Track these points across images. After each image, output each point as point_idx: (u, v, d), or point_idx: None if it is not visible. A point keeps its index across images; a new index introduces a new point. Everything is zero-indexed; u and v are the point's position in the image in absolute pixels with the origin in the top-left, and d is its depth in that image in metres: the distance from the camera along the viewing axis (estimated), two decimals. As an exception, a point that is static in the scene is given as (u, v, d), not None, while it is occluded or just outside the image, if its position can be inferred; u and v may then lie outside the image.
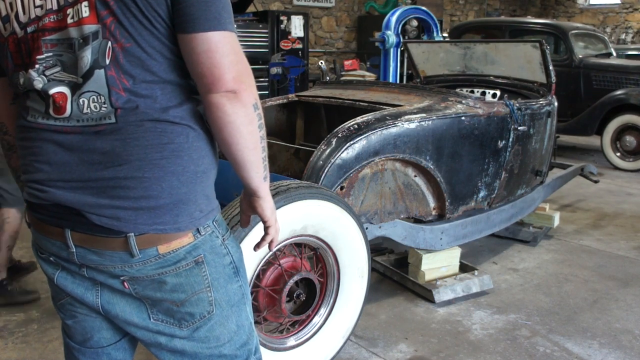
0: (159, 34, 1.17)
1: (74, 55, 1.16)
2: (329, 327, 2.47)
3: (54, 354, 2.63)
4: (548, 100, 3.82)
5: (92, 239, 1.22)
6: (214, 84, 1.16)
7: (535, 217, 4.28)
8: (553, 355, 2.68)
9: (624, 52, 9.00)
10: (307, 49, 8.78)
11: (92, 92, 1.17)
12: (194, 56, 1.16)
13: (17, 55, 1.23)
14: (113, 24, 1.14)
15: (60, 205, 1.22)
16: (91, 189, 1.19)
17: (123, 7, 1.12)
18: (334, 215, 2.32)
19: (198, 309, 1.29)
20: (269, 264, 2.28)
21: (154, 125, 1.19)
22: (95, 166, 1.19)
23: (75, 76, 1.17)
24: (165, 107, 1.19)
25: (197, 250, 1.26)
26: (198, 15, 1.14)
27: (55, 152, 1.22)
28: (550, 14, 13.15)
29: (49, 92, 1.19)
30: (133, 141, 1.18)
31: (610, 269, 3.72)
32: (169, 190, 1.20)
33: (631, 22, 12.10)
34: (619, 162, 6.82)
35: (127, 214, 1.19)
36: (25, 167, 1.29)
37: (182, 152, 1.22)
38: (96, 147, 1.19)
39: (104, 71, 1.15)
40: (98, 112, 1.18)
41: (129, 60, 1.15)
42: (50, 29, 1.18)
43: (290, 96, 3.89)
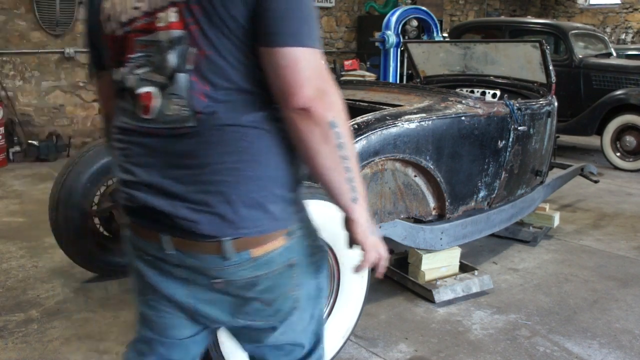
0: (240, 44, 1.18)
1: (160, 57, 1.20)
2: (328, 327, 2.47)
3: (54, 354, 2.63)
4: (548, 100, 3.82)
5: (186, 243, 1.24)
6: (288, 100, 1.17)
7: (535, 217, 4.28)
8: (553, 355, 2.68)
9: (624, 52, 8.99)
10: (307, 49, 8.77)
11: (175, 95, 1.21)
12: (271, 70, 1.17)
13: (114, 53, 1.29)
14: (197, 32, 1.17)
15: (151, 208, 1.25)
16: (175, 193, 1.22)
17: (207, 17, 1.16)
18: (334, 215, 2.31)
19: (284, 306, 1.33)
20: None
21: (233, 130, 1.20)
22: (178, 170, 1.22)
23: (162, 77, 1.21)
24: (243, 113, 1.21)
25: (289, 252, 1.29)
26: (278, 31, 1.15)
27: (141, 155, 1.27)
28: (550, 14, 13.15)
29: (137, 91, 1.24)
30: (212, 145, 1.20)
31: (610, 269, 3.72)
32: (246, 194, 1.21)
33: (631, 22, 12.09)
34: (619, 162, 6.82)
35: (211, 218, 1.21)
36: (117, 168, 1.34)
37: (260, 157, 1.23)
38: (177, 150, 1.22)
39: (187, 76, 1.19)
40: (179, 115, 1.21)
41: (210, 68, 1.18)
42: (142, 30, 1.23)
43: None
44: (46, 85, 7.29)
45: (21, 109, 7.14)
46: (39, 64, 7.20)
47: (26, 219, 4.59)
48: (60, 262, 3.62)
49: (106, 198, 3.29)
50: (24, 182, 5.88)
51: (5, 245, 3.98)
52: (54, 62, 7.29)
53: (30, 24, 7.04)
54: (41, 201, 4.93)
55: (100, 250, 3.30)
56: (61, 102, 7.44)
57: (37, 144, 6.90)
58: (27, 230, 4.30)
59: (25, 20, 7.01)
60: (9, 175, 6.20)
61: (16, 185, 5.74)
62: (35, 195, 5.32)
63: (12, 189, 5.61)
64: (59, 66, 7.33)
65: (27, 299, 3.15)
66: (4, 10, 6.86)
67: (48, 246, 3.90)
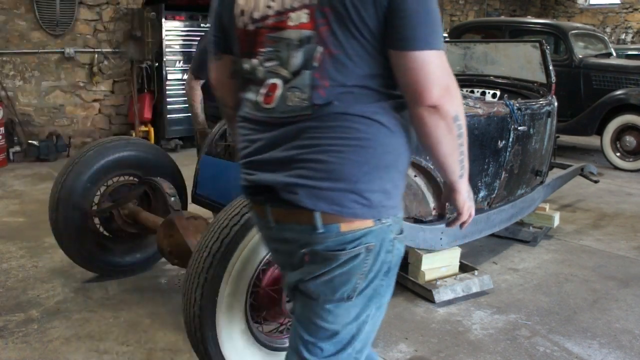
0: (366, 44, 1.28)
1: (288, 53, 1.32)
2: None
3: (54, 354, 2.63)
4: (548, 100, 3.82)
5: (284, 213, 1.37)
6: (418, 99, 1.28)
7: (535, 217, 4.28)
8: (553, 355, 2.68)
9: (624, 52, 8.99)
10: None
11: (298, 89, 1.32)
12: (402, 71, 1.27)
13: (244, 45, 1.42)
14: (326, 32, 1.27)
15: (262, 185, 1.38)
16: (283, 168, 1.34)
17: (338, 20, 1.25)
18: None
19: (344, 290, 1.37)
20: (269, 264, 2.28)
21: (344, 117, 1.30)
22: (290, 151, 1.34)
23: (287, 72, 1.33)
24: (356, 104, 1.30)
25: (371, 237, 1.34)
26: (409, 35, 1.24)
27: (260, 140, 1.40)
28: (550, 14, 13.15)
29: (265, 82, 1.37)
30: (323, 129, 1.31)
31: (610, 269, 3.72)
32: (348, 177, 1.30)
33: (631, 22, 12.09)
34: (619, 162, 6.82)
35: (310, 192, 1.31)
36: (240, 151, 1.48)
37: (368, 144, 1.31)
38: (291, 133, 1.34)
39: (311, 72, 1.30)
40: (298, 106, 1.32)
41: (334, 66, 1.28)
42: (272, 28, 1.34)
43: (290, 96, 3.88)
44: (46, 85, 7.29)
45: (21, 109, 7.14)
46: (39, 64, 7.20)
47: (26, 219, 4.59)
48: (60, 262, 3.62)
49: (106, 198, 3.29)
50: (24, 182, 5.88)
51: (5, 245, 3.98)
52: (54, 62, 7.29)
53: (30, 24, 7.04)
54: (41, 201, 4.93)
55: (100, 250, 3.30)
56: (61, 102, 7.44)
57: (37, 144, 6.90)
58: (27, 230, 4.30)
59: (25, 20, 7.01)
60: (9, 175, 6.20)
61: (16, 185, 5.74)
62: (35, 195, 5.32)
63: (12, 189, 5.61)
64: (59, 66, 7.33)
65: (27, 299, 3.15)
66: (4, 10, 6.86)
67: (48, 246, 3.90)
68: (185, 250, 2.64)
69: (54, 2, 7.04)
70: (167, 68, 7.36)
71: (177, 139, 7.61)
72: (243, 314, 2.15)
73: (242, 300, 2.13)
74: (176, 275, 3.48)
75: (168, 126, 7.50)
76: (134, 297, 3.19)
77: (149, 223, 3.13)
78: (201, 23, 7.47)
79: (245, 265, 2.09)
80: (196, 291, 2.03)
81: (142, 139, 3.59)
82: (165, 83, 7.38)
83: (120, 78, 7.80)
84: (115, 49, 7.66)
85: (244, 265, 2.09)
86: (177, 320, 2.87)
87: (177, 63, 7.43)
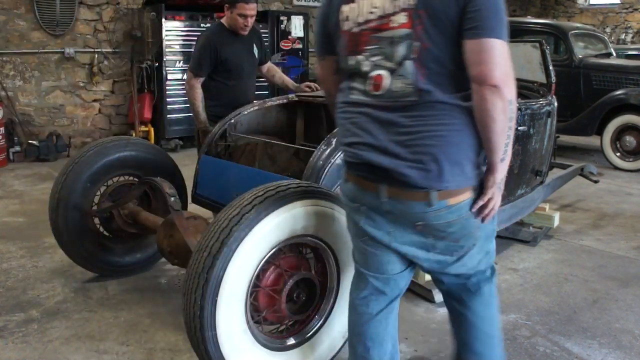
0: (450, 38, 1.62)
1: (391, 48, 1.67)
2: (329, 327, 2.47)
3: (54, 354, 2.63)
4: (548, 100, 3.82)
5: (400, 192, 1.70)
6: (484, 79, 1.58)
7: (535, 217, 4.28)
8: (553, 355, 2.68)
9: (624, 52, 8.98)
10: (307, 49, 8.77)
11: (402, 76, 1.67)
12: (473, 56, 1.59)
13: (350, 44, 1.77)
14: (421, 31, 1.63)
15: (374, 164, 1.71)
16: (395, 153, 1.67)
17: (431, 20, 1.61)
18: (334, 215, 2.32)
19: (467, 243, 1.81)
20: (269, 264, 2.28)
21: (441, 106, 1.65)
22: (398, 136, 1.67)
23: (392, 63, 1.68)
24: (449, 93, 1.64)
25: (468, 203, 1.73)
26: (481, 26, 1.57)
27: (368, 122, 1.73)
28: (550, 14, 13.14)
29: (371, 74, 1.72)
30: (426, 117, 1.65)
31: (610, 269, 3.72)
32: (450, 157, 1.65)
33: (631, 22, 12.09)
34: (619, 162, 6.81)
35: (423, 174, 1.65)
36: (344, 132, 1.82)
37: (462, 128, 1.66)
38: (399, 120, 1.68)
39: (412, 62, 1.65)
40: (404, 91, 1.67)
41: (428, 56, 1.63)
42: (375, 29, 1.70)
43: (290, 96, 3.89)
44: (46, 85, 7.30)
45: (21, 109, 7.14)
46: (39, 64, 7.20)
47: (26, 219, 4.59)
48: (60, 262, 3.62)
49: (106, 198, 3.29)
50: (24, 182, 5.88)
51: (5, 245, 3.98)
52: (54, 62, 7.29)
53: (30, 24, 7.04)
54: (41, 201, 4.93)
55: (100, 250, 3.30)
56: (61, 102, 7.44)
57: (37, 144, 6.90)
58: (27, 230, 4.30)
59: (25, 20, 7.01)
60: (9, 175, 6.20)
61: (16, 185, 5.74)
62: (35, 195, 5.32)
63: (12, 189, 5.61)
64: (59, 66, 7.33)
65: (27, 299, 3.15)
66: (4, 10, 6.87)
67: (48, 246, 3.90)
68: (185, 250, 2.64)
69: (54, 2, 7.04)
70: (167, 68, 7.36)
71: (177, 139, 7.61)
72: (243, 314, 2.15)
73: (242, 300, 2.13)
74: (176, 275, 3.48)
75: (168, 126, 7.50)
76: (134, 297, 3.19)
77: (149, 223, 3.13)
78: (201, 23, 7.46)
79: (245, 265, 2.09)
80: (196, 291, 2.03)
81: (142, 139, 3.58)
82: (165, 83, 7.38)
83: (120, 78, 7.80)
84: (115, 49, 7.67)
85: (244, 265, 2.09)
86: (177, 320, 2.87)
87: (177, 63, 7.43)
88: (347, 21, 1.77)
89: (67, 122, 7.52)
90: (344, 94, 1.84)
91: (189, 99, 3.83)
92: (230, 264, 2.04)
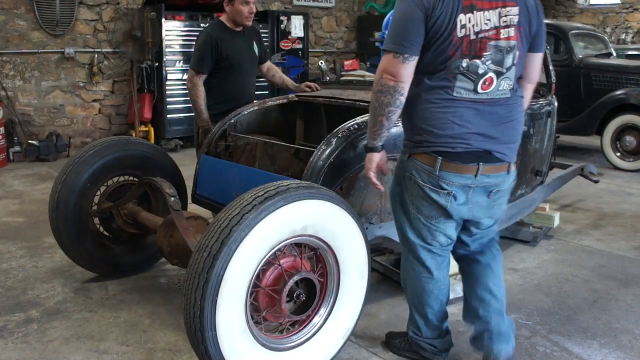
0: (527, 49, 2.23)
1: (502, 55, 2.12)
2: (329, 327, 2.47)
3: (54, 354, 2.62)
4: (548, 100, 3.82)
5: (492, 167, 2.19)
6: (534, 79, 2.38)
7: (535, 217, 4.28)
8: (553, 355, 2.68)
9: (624, 52, 8.98)
10: (307, 49, 8.78)
11: (508, 78, 2.16)
12: (532, 64, 2.31)
13: (466, 49, 2.09)
14: (519, 43, 2.15)
15: (478, 149, 2.15)
16: (492, 138, 2.16)
17: (524, 35, 2.17)
18: (334, 215, 2.31)
19: (505, 202, 2.37)
20: (269, 264, 2.28)
21: (519, 100, 2.27)
22: (494, 124, 2.16)
23: (501, 68, 2.13)
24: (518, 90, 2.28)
25: None
26: (540, 43, 2.28)
27: (473, 115, 2.13)
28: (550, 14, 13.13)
29: (485, 76, 2.12)
30: (514, 108, 2.22)
31: (610, 269, 3.72)
32: (519, 138, 2.27)
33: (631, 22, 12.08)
34: (619, 162, 6.81)
35: (508, 151, 2.21)
36: (445, 125, 2.14)
37: (523, 116, 2.30)
38: (496, 111, 2.17)
39: (514, 67, 2.17)
40: (505, 91, 2.17)
41: (520, 63, 2.20)
42: (489, 38, 2.10)
43: (290, 96, 3.89)
44: (46, 85, 7.30)
45: (21, 109, 7.14)
46: (39, 64, 7.20)
47: (26, 219, 4.59)
48: (60, 262, 3.62)
49: (106, 198, 3.29)
50: (24, 182, 5.88)
51: (5, 245, 3.98)
52: (54, 62, 7.30)
53: (30, 24, 7.04)
54: (41, 201, 4.93)
55: (100, 250, 3.30)
56: (61, 102, 7.44)
57: (37, 144, 6.90)
58: (27, 230, 4.30)
59: (25, 20, 7.01)
60: (9, 175, 6.20)
61: (16, 185, 5.74)
62: (35, 195, 5.32)
63: (12, 189, 5.61)
64: (59, 66, 7.33)
65: (27, 299, 3.15)
66: (4, 10, 6.87)
67: (48, 246, 3.90)
68: (185, 250, 2.64)
69: (54, 2, 7.04)
70: (167, 68, 7.36)
71: (177, 139, 7.61)
72: (243, 314, 2.15)
73: (242, 300, 2.13)
74: (176, 275, 3.48)
75: (168, 126, 7.50)
76: (134, 297, 3.19)
77: (149, 223, 3.13)
78: (201, 23, 7.46)
79: (245, 265, 2.09)
80: (196, 291, 2.03)
81: (142, 139, 3.58)
82: (165, 83, 7.38)
83: (120, 78, 7.80)
84: (115, 49, 7.67)
85: (244, 265, 2.09)
86: (177, 320, 2.88)
87: (177, 63, 7.43)
88: (463, 29, 2.07)
89: (67, 122, 7.52)
90: (438, 92, 2.13)
91: (191, 97, 3.80)
92: (230, 264, 2.04)
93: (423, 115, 2.16)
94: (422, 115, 2.17)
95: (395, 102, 2.13)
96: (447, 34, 2.06)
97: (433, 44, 2.08)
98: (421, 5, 2.04)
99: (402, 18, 2.09)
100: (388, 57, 2.11)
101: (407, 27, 2.07)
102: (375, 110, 2.18)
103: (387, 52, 2.12)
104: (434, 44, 2.08)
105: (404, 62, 2.09)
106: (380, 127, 2.20)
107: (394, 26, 2.12)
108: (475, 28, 2.06)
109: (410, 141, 2.26)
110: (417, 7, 2.05)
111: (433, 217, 2.26)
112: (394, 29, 2.11)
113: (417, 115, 2.19)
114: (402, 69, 2.09)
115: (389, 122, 2.18)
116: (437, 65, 2.11)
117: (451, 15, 2.04)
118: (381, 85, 2.13)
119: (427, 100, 2.14)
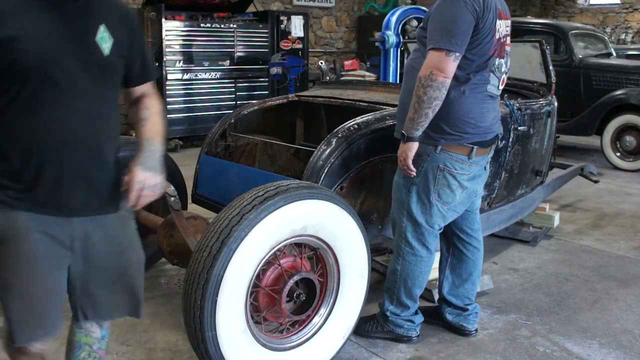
0: None
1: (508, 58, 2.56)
2: (329, 327, 2.47)
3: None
4: (548, 100, 3.82)
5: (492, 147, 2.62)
6: None
7: (535, 217, 4.28)
8: (553, 355, 2.68)
9: (624, 52, 8.98)
10: (307, 49, 8.77)
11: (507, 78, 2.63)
12: None
13: (498, 50, 2.44)
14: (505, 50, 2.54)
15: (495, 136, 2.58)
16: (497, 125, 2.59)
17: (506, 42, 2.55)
18: (334, 215, 2.32)
19: None
20: (269, 264, 2.28)
21: None
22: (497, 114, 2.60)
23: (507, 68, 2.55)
24: None
25: None
26: None
27: (493, 108, 2.55)
28: (550, 14, 13.14)
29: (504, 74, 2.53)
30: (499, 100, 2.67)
31: (610, 269, 3.72)
32: None
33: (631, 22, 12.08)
34: (619, 162, 6.81)
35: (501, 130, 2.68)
36: (482, 117, 2.46)
37: None
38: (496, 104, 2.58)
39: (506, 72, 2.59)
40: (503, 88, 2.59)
41: None
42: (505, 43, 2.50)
43: (290, 96, 3.89)
44: (46, 85, 7.28)
45: (21, 109, 7.12)
46: (39, 64, 7.18)
47: (26, 219, 4.58)
48: (60, 262, 3.61)
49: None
50: (24, 182, 5.86)
51: (5, 245, 3.97)
52: (54, 62, 7.28)
53: (30, 24, 7.02)
54: (41, 201, 4.91)
55: (100, 250, 3.29)
56: (61, 102, 7.42)
57: (37, 144, 6.87)
58: (27, 230, 4.29)
59: (25, 20, 6.99)
60: (9, 175, 6.18)
61: (16, 185, 5.73)
62: (35, 195, 5.31)
63: (12, 189, 5.59)
64: (59, 66, 7.31)
65: None
66: (4, 10, 6.85)
67: (48, 246, 3.89)
68: (185, 250, 2.64)
69: (54, 2, 7.03)
70: (167, 68, 7.35)
71: (177, 139, 7.60)
72: (243, 314, 2.15)
73: (242, 300, 2.13)
74: (176, 275, 3.47)
75: (168, 126, 7.47)
76: (134, 297, 3.18)
77: (149, 223, 3.13)
78: (201, 23, 7.46)
79: (245, 265, 2.09)
80: (196, 291, 2.03)
81: (142, 139, 3.57)
82: (165, 83, 7.37)
83: (120, 78, 7.79)
84: (115, 49, 7.65)
85: (244, 265, 2.09)
86: (177, 320, 2.87)
87: (177, 63, 7.42)
88: (497, 32, 2.41)
89: (67, 122, 7.50)
90: (477, 87, 2.43)
91: None
92: (230, 264, 2.04)
93: (466, 110, 2.41)
94: (465, 109, 2.41)
95: (441, 97, 2.31)
96: (491, 35, 2.37)
97: (478, 44, 2.34)
98: (473, 10, 2.28)
99: (454, 19, 2.28)
100: (439, 55, 2.27)
101: (460, 28, 2.28)
102: (423, 103, 2.30)
103: (438, 50, 2.28)
104: (479, 44, 2.34)
105: (455, 60, 2.30)
106: (425, 119, 2.34)
107: (445, 26, 2.29)
108: (498, 33, 2.41)
109: (443, 134, 2.43)
110: (470, 11, 2.28)
111: (450, 202, 2.52)
112: (446, 29, 2.27)
113: (460, 110, 2.41)
114: (452, 66, 2.29)
115: (433, 114, 2.34)
116: (480, 64, 2.39)
117: (493, 19, 2.36)
118: (431, 80, 2.27)
119: (470, 95, 2.41)
